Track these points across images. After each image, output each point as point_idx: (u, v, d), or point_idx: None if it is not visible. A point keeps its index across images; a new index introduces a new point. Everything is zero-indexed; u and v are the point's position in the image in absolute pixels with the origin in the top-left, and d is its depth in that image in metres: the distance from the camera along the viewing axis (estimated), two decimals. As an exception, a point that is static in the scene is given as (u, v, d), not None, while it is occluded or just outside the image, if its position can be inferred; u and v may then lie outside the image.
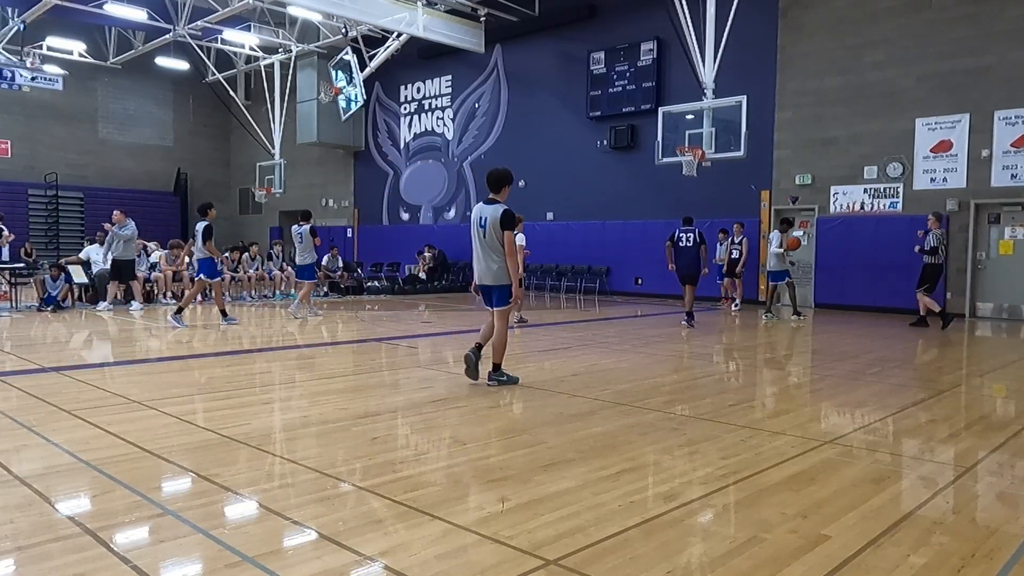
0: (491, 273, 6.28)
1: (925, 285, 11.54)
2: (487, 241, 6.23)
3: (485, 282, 6.35)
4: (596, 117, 18.16)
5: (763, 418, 5.32)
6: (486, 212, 6.25)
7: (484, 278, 6.34)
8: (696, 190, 15.36)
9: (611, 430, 4.83)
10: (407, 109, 23.25)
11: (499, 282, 6.28)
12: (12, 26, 19.52)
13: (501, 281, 6.27)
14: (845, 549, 2.93)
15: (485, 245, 6.25)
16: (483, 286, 6.41)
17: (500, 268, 6.24)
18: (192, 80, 26.32)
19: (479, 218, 6.28)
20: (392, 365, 7.86)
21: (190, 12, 19.23)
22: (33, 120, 24.73)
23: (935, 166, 13.39)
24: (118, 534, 3.01)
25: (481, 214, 6.28)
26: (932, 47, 13.30)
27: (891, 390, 6.49)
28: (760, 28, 15.04)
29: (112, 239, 13.11)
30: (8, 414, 5.09)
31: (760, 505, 3.43)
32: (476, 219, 6.31)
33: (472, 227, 6.37)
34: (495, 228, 6.16)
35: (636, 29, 17.28)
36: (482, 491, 3.56)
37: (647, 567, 2.74)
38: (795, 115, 15.00)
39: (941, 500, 3.59)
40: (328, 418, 5.14)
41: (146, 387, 6.23)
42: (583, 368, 7.39)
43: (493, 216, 6.18)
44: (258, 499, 3.45)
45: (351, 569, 2.72)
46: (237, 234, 28.12)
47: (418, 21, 17.51)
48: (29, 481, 3.63)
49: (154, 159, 27.66)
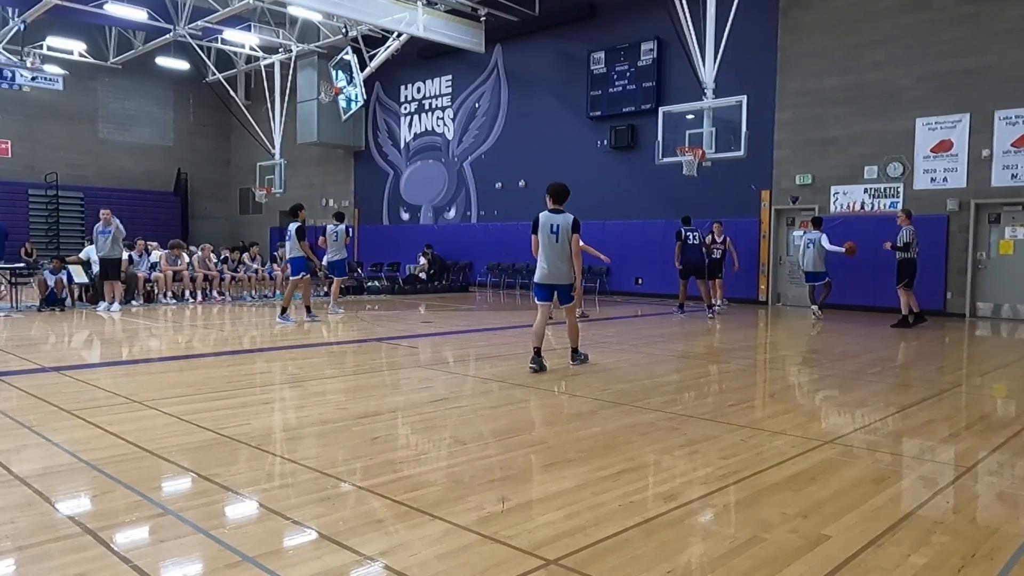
0: (561, 273, 7.13)
1: (904, 281, 11.57)
2: (559, 246, 7.06)
3: (555, 281, 7.15)
4: (596, 117, 18.16)
5: (763, 418, 5.32)
6: (556, 220, 7.07)
7: (554, 278, 7.14)
8: (696, 190, 15.36)
9: (611, 430, 4.83)
10: (407, 109, 23.26)
11: (567, 281, 7.18)
12: (12, 26, 19.53)
13: (569, 280, 7.19)
14: (845, 549, 2.93)
15: (557, 249, 7.07)
16: (551, 284, 7.16)
17: (569, 269, 7.15)
18: (192, 80, 26.33)
19: (550, 225, 7.06)
20: (392, 365, 7.86)
21: (190, 12, 19.24)
22: (33, 120, 24.74)
23: (935, 166, 13.39)
24: (118, 534, 3.01)
25: (551, 221, 7.07)
26: (932, 47, 13.30)
27: (891, 390, 6.49)
28: (760, 28, 15.04)
29: (96, 238, 13.09)
30: (8, 414, 5.09)
31: (760, 505, 3.43)
32: (546, 226, 7.07)
33: (541, 234, 7.09)
34: (567, 233, 7.04)
35: (636, 29, 17.29)
36: (482, 491, 3.56)
37: (647, 567, 2.74)
38: (795, 115, 15.00)
39: (941, 500, 3.59)
40: (328, 418, 5.14)
41: (146, 387, 6.23)
42: (583, 368, 7.39)
43: (565, 223, 7.06)
44: (258, 499, 3.45)
45: (351, 569, 2.72)
46: (237, 234, 28.16)
47: (418, 21, 17.51)
48: (29, 481, 3.63)
49: (154, 159, 27.67)
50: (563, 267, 7.10)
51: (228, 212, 30.09)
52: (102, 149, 26.40)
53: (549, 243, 7.07)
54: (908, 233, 11.50)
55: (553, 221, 7.07)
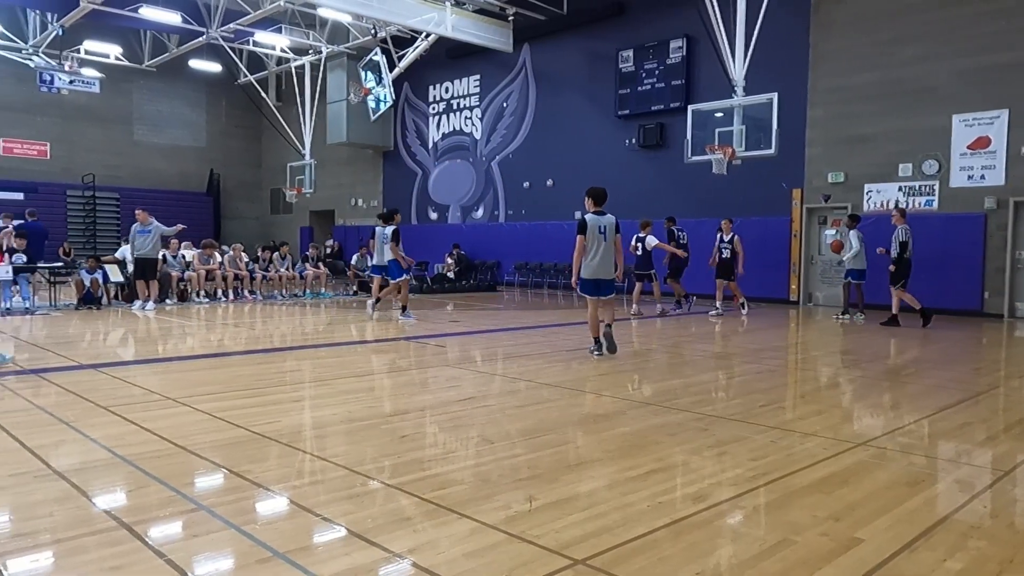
0: (609, 269, 7.85)
1: (901, 281, 11.44)
2: (608, 244, 7.75)
3: (603, 276, 7.81)
4: (624, 116, 18.06)
5: (794, 419, 5.25)
6: (603, 221, 7.76)
7: (603, 273, 7.81)
8: (726, 189, 15.21)
9: (639, 430, 4.80)
10: (435, 109, 23.35)
11: (613, 276, 7.95)
12: (51, 31, 20.00)
13: (613, 276, 7.96)
14: (878, 553, 2.88)
15: (609, 246, 7.79)
16: (600, 279, 7.78)
17: (613, 265, 7.93)
18: (224, 82, 26.71)
19: (599, 226, 7.72)
20: (420, 364, 7.90)
21: (223, 15, 19.52)
22: (71, 122, 25.29)
23: (972, 163, 13.10)
24: (152, 528, 3.06)
25: (600, 223, 7.74)
26: (969, 41, 13.01)
27: (926, 391, 6.37)
28: (791, 24, 14.84)
29: (133, 237, 13.33)
30: (47, 410, 5.21)
31: (791, 507, 3.39)
32: (597, 227, 7.71)
33: (590, 234, 7.69)
34: (612, 233, 7.81)
35: (665, 27, 17.16)
36: (509, 490, 3.56)
37: (675, 568, 2.73)
38: (827, 112, 14.78)
39: (978, 504, 3.51)
40: (357, 416, 5.19)
41: (179, 384, 6.34)
42: (610, 368, 7.36)
43: (610, 224, 7.81)
44: (288, 495, 3.49)
45: (380, 566, 2.74)
46: (268, 234, 28.50)
47: (447, 21, 17.57)
48: (67, 475, 3.71)
49: (187, 160, 28.12)
50: (610, 263, 7.84)
51: (259, 212, 30.48)
52: (137, 150, 26.90)
53: (599, 242, 7.71)
54: (904, 232, 11.39)
55: (601, 222, 7.72)
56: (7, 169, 23.87)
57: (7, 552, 2.80)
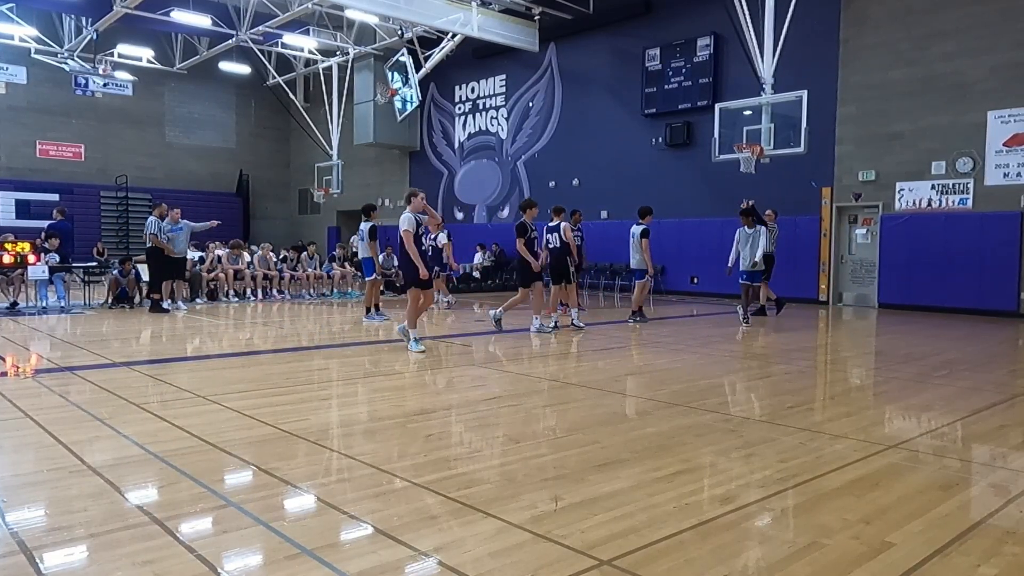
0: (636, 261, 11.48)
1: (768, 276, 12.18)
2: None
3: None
4: (651, 114, 17.96)
5: (823, 421, 5.18)
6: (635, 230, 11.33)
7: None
8: (754, 187, 15.01)
9: (666, 431, 4.77)
10: (461, 109, 23.41)
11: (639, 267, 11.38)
12: (86, 35, 20.40)
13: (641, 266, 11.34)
14: (910, 557, 2.83)
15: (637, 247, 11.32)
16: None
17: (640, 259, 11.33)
18: (254, 84, 27.04)
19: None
20: (447, 363, 7.92)
21: (252, 17, 19.76)
22: (105, 125, 25.76)
23: (1008, 160, 12.82)
24: (184, 524, 3.11)
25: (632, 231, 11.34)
26: (1006, 36, 12.73)
27: (960, 393, 6.24)
28: (821, 21, 14.64)
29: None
30: (82, 407, 5.32)
31: (820, 510, 3.34)
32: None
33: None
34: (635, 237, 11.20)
35: (692, 24, 17.03)
36: (535, 490, 3.56)
37: (702, 570, 2.71)
38: (858, 109, 14.55)
39: (1014, 509, 3.43)
40: (384, 415, 5.22)
41: (210, 382, 6.43)
42: (637, 368, 7.32)
43: (633, 230, 11.25)
44: (316, 493, 3.52)
45: (406, 564, 2.76)
46: (296, 234, 28.77)
47: (473, 21, 17.60)
48: (101, 471, 3.78)
49: (218, 161, 28.51)
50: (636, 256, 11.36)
51: (288, 212, 30.79)
52: (169, 152, 27.33)
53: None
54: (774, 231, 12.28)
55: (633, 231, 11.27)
56: (43, 171, 24.39)
57: (43, 545, 2.86)
